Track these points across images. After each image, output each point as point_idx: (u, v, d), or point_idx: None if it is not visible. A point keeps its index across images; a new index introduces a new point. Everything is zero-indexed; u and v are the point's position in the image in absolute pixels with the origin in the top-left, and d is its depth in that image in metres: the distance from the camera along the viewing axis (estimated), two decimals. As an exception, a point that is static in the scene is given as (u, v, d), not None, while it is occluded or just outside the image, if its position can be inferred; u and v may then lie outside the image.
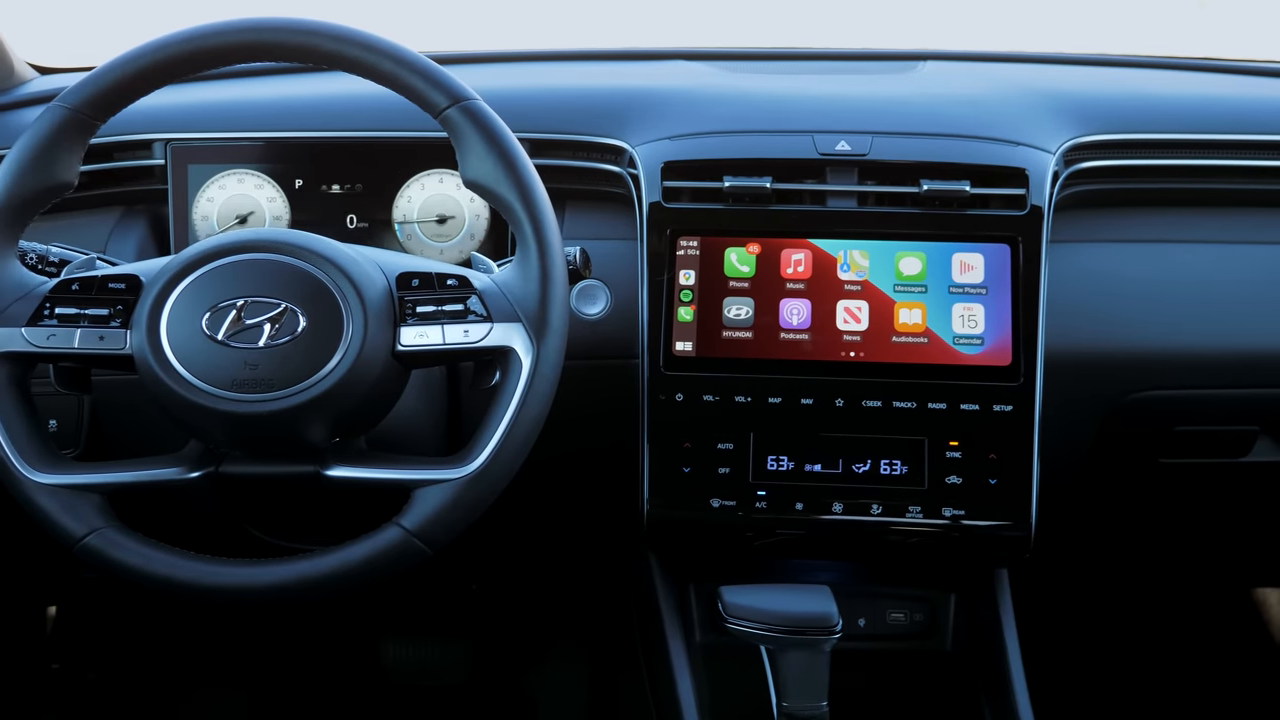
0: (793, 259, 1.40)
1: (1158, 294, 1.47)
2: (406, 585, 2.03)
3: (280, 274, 1.14)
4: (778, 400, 1.37)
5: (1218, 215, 1.53)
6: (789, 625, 1.22)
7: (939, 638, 1.49)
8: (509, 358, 1.14)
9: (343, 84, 1.36)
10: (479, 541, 1.80)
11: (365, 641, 2.04)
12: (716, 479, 1.35)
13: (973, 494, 1.34)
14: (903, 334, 1.38)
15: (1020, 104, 1.53)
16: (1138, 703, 2.09)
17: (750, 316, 1.39)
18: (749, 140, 1.46)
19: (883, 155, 1.43)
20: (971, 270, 1.39)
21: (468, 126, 1.17)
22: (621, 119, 1.51)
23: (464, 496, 1.12)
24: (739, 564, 1.45)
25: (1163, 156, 1.51)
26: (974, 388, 1.36)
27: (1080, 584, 2.06)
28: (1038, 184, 1.41)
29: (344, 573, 1.12)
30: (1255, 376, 1.48)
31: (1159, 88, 1.66)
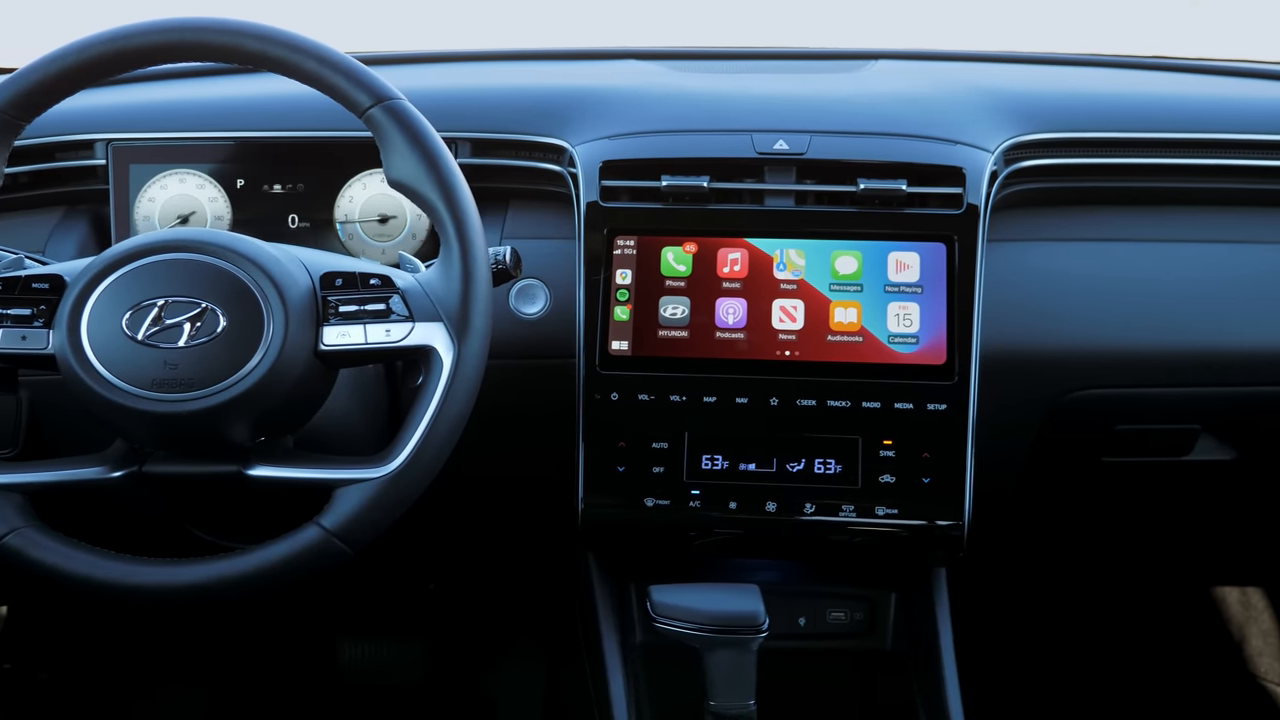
0: (729, 258, 1.40)
1: (1099, 293, 1.47)
2: (363, 584, 2.03)
3: (201, 274, 1.13)
4: (712, 399, 1.37)
5: (1160, 214, 1.53)
6: (716, 624, 1.22)
7: (878, 637, 1.49)
8: (430, 357, 1.14)
9: (285, 84, 1.35)
10: (434, 541, 1.81)
11: (322, 641, 2.04)
12: (651, 478, 1.35)
13: (906, 493, 1.34)
14: (838, 333, 1.38)
15: (962, 103, 1.53)
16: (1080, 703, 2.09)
17: (686, 316, 1.39)
18: (687, 140, 1.46)
19: (820, 154, 1.43)
20: (907, 269, 1.39)
21: (391, 126, 1.17)
22: (564, 118, 1.51)
23: (384, 496, 1.12)
24: (680, 563, 1.45)
25: (1105, 155, 1.51)
26: (908, 386, 1.36)
27: (1027, 583, 2.06)
28: (974, 183, 1.41)
29: (262, 573, 1.12)
30: (1196, 375, 1.48)
31: (1106, 86, 1.66)
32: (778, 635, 1.46)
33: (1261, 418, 1.53)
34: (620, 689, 1.36)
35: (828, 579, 1.50)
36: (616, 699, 1.35)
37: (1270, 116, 1.56)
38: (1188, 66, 1.75)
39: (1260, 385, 1.49)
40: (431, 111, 1.52)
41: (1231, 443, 1.55)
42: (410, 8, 2.51)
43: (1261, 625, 2.14)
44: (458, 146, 1.51)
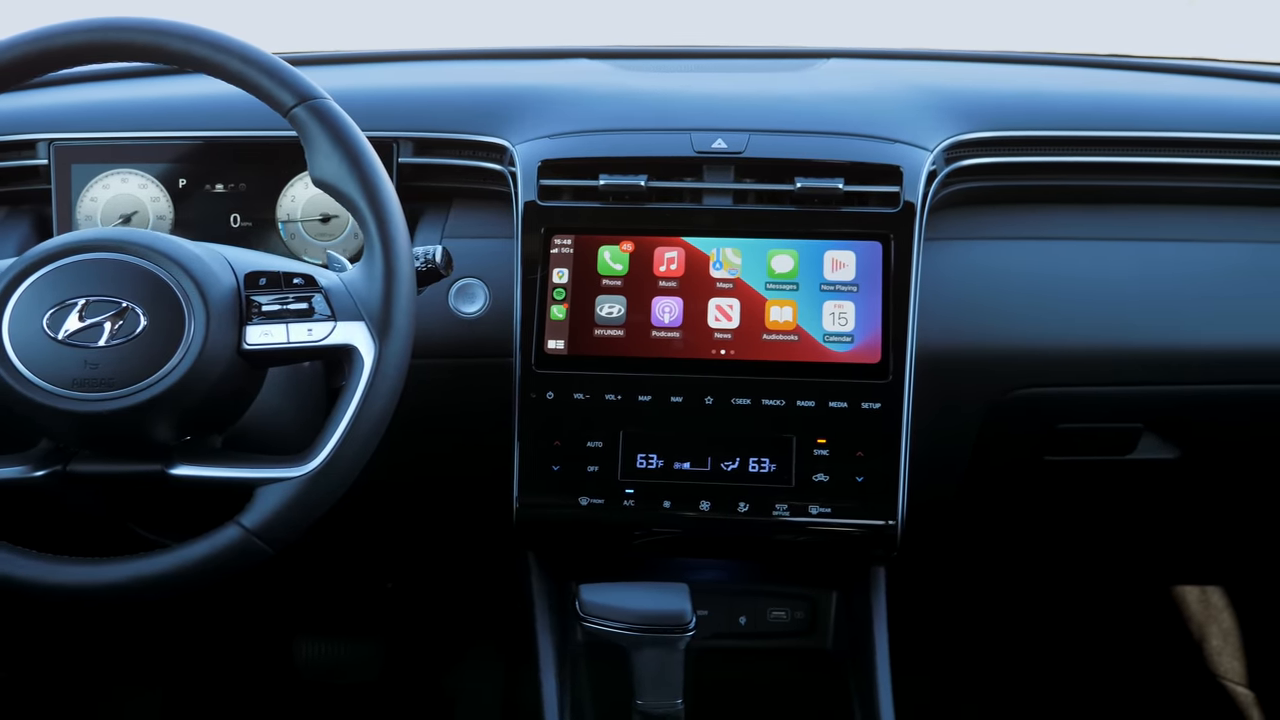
0: (665, 257, 1.40)
1: (1040, 291, 1.47)
2: (321, 584, 2.03)
3: (123, 273, 1.14)
4: (647, 398, 1.37)
5: (1103, 212, 1.53)
6: (642, 623, 1.22)
7: (819, 636, 1.49)
8: (352, 356, 1.14)
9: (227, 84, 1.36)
10: (390, 540, 1.81)
11: (279, 640, 2.04)
12: (585, 477, 1.35)
13: (839, 492, 1.33)
14: (773, 332, 1.38)
15: (904, 101, 1.52)
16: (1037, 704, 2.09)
17: (622, 315, 1.39)
18: (626, 139, 1.46)
19: (758, 153, 1.43)
20: (843, 268, 1.39)
21: (314, 125, 1.18)
22: (505, 118, 1.51)
23: (304, 495, 1.12)
24: (623, 563, 1.45)
25: (1048, 153, 1.51)
26: (842, 385, 1.36)
27: (980, 582, 2.06)
28: (912, 181, 1.40)
29: (181, 572, 1.12)
30: (1138, 374, 1.48)
31: (1053, 85, 1.65)
32: (718, 634, 1.48)
33: (1204, 417, 1.52)
34: (552, 688, 1.36)
35: (770, 578, 1.50)
36: (548, 697, 1.35)
37: (1215, 114, 1.56)
38: (1144, 65, 1.75)
39: (1202, 384, 1.49)
40: (375, 111, 1.54)
41: (1175, 441, 1.54)
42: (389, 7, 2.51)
43: (1221, 624, 2.14)
44: (400, 145, 1.51)
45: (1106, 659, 2.16)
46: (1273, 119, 1.57)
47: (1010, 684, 2.12)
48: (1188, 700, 2.13)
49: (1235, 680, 2.12)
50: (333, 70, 1.67)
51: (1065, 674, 2.15)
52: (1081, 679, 2.15)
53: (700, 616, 1.46)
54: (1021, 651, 2.16)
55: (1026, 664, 2.15)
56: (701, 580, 1.50)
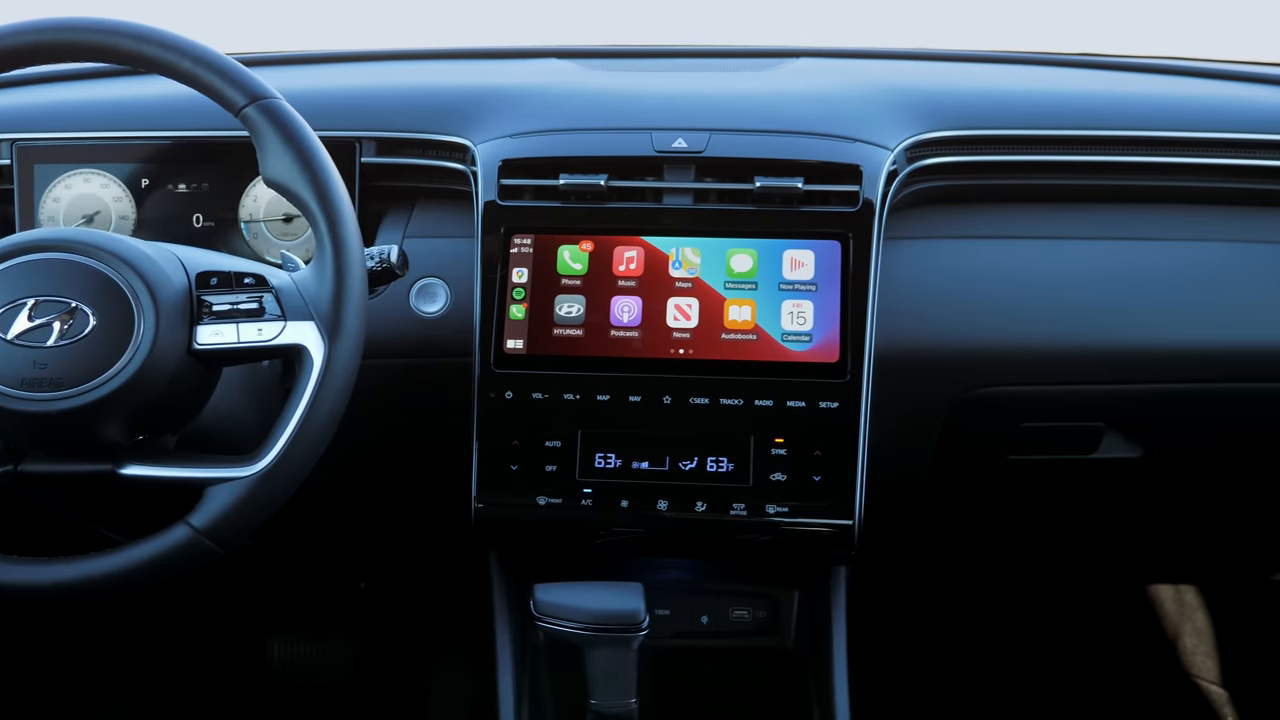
0: (625, 256, 1.40)
1: (1001, 290, 1.47)
2: (293, 583, 2.04)
3: (72, 273, 1.14)
4: (606, 398, 1.37)
5: (1066, 211, 1.53)
6: (596, 622, 1.22)
7: (781, 635, 1.49)
8: (302, 356, 1.14)
9: (186, 84, 1.36)
10: (361, 539, 1.81)
11: (252, 639, 2.04)
12: (543, 476, 1.35)
13: (797, 491, 1.33)
14: (732, 331, 1.38)
15: (866, 101, 1.52)
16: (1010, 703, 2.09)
17: (581, 314, 1.39)
18: (586, 138, 1.46)
19: (719, 152, 1.43)
20: (802, 267, 1.39)
21: (265, 125, 1.18)
22: (468, 117, 1.51)
23: (253, 494, 1.12)
24: (586, 562, 1.45)
25: (1010, 152, 1.51)
26: (800, 384, 1.35)
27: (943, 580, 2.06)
28: (871, 181, 1.40)
29: (130, 572, 1.12)
30: (1099, 373, 1.48)
31: (1018, 84, 1.65)
32: (680, 634, 1.48)
33: (1165, 416, 1.52)
34: (509, 688, 1.36)
35: (733, 578, 1.50)
36: (504, 697, 1.35)
37: (1178, 113, 1.56)
38: (1114, 64, 1.75)
39: (1163, 383, 1.49)
40: (339, 110, 1.55)
41: (1137, 440, 1.54)
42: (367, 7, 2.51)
43: (1196, 624, 2.14)
44: (363, 145, 1.51)
45: (1080, 657, 2.16)
46: (1236, 117, 1.57)
47: (983, 683, 2.11)
48: (1162, 699, 2.13)
49: (1209, 679, 2.12)
50: (298, 70, 1.67)
51: (1038, 673, 2.15)
52: (1055, 678, 2.15)
53: (662, 616, 1.47)
54: (995, 650, 2.16)
55: (1000, 663, 2.15)
56: (664, 580, 1.50)
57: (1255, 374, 1.50)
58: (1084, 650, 2.16)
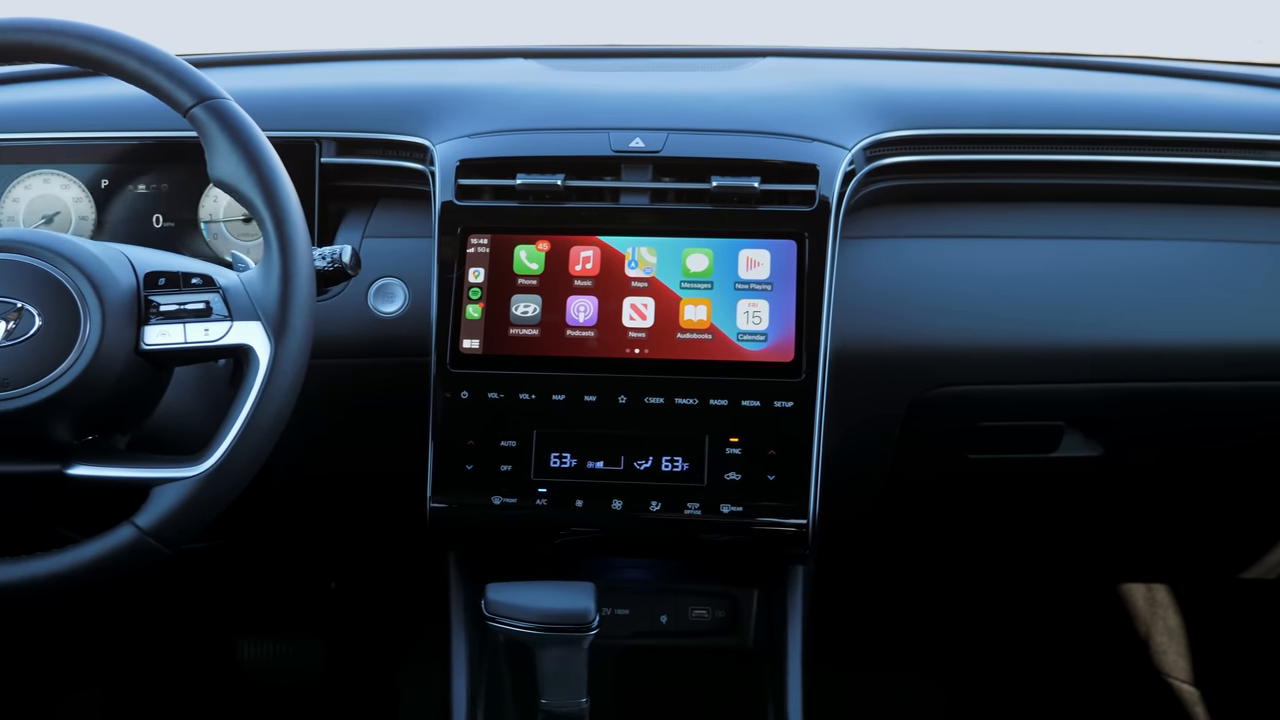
0: (581, 256, 1.41)
1: (959, 290, 1.47)
2: (264, 584, 2.03)
3: (19, 274, 1.14)
4: (561, 398, 1.37)
5: (1025, 211, 1.53)
6: (546, 622, 1.22)
7: (740, 634, 1.49)
8: (248, 356, 1.14)
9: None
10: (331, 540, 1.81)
11: (222, 640, 2.04)
12: (498, 476, 1.35)
13: (751, 491, 1.33)
14: (687, 330, 1.38)
15: (826, 100, 1.52)
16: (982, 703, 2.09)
17: (537, 314, 1.39)
18: (544, 138, 1.46)
19: (676, 152, 1.43)
20: (758, 266, 1.39)
21: (213, 125, 1.18)
22: (428, 117, 1.51)
23: (199, 495, 1.12)
24: (544, 563, 1.45)
25: (969, 151, 1.51)
26: (755, 384, 1.35)
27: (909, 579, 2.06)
28: (828, 180, 1.40)
29: (75, 572, 1.12)
30: (1058, 372, 1.48)
31: (981, 83, 1.65)
32: (639, 633, 1.48)
33: (1124, 415, 1.52)
34: (462, 688, 1.36)
35: (693, 577, 1.50)
36: (457, 697, 1.35)
37: (1141, 111, 1.56)
38: (1082, 63, 1.75)
39: (1122, 382, 1.49)
40: (300, 111, 1.55)
41: (1098, 439, 1.54)
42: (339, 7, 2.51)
43: (1167, 622, 2.14)
44: (323, 145, 1.51)
45: (1051, 656, 2.16)
46: (1201, 116, 1.57)
47: (954, 683, 2.12)
48: (1133, 698, 2.13)
49: (1180, 678, 2.12)
50: (261, 71, 1.68)
51: (1010, 671, 2.15)
52: (1026, 676, 2.15)
53: (621, 616, 1.48)
54: (966, 649, 2.16)
55: (971, 662, 2.15)
56: (624, 579, 1.50)
57: (1215, 373, 1.50)
58: (1055, 648, 2.16)
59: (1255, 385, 1.52)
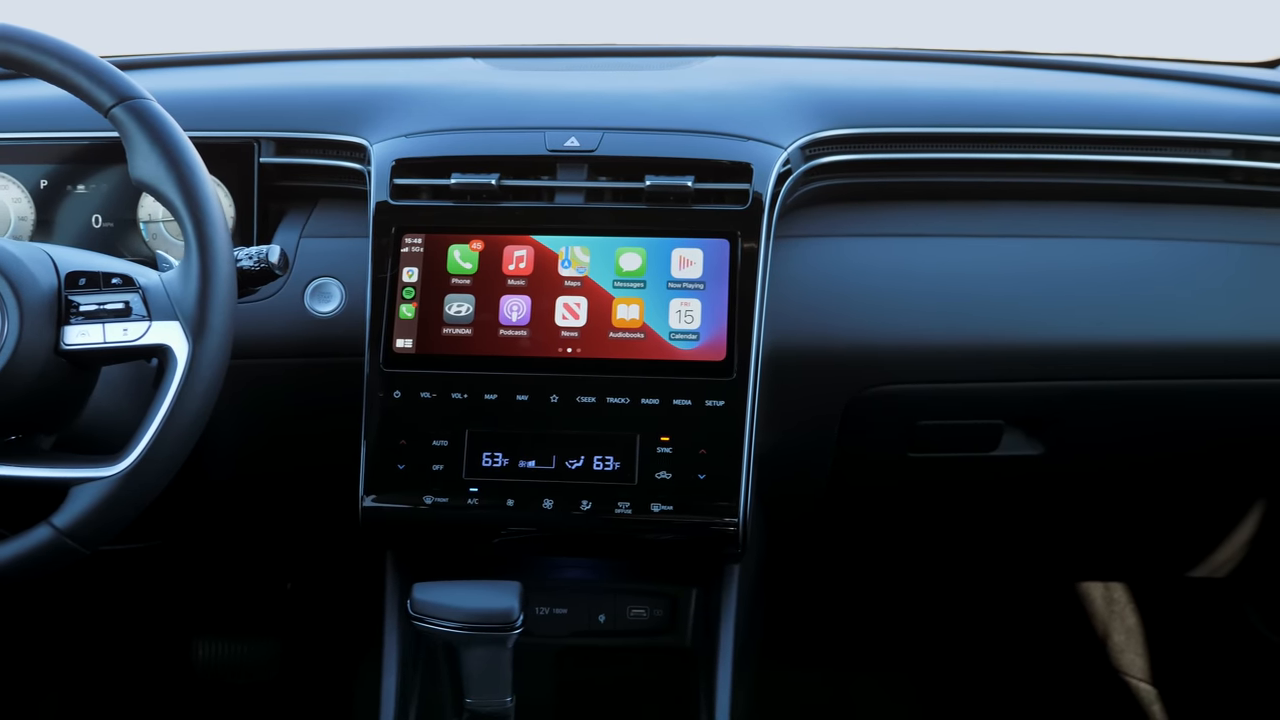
0: (515, 255, 1.41)
1: (896, 288, 1.47)
2: (219, 585, 2.04)
3: None
4: (493, 397, 1.37)
5: (964, 209, 1.53)
6: (470, 621, 1.22)
7: (679, 633, 1.49)
8: (166, 356, 1.14)
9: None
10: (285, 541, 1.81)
11: (177, 640, 2.04)
12: (430, 475, 1.35)
13: (681, 490, 1.33)
14: (620, 330, 1.38)
15: (765, 99, 1.52)
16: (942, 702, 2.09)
17: (470, 313, 1.39)
18: (479, 137, 1.46)
19: (611, 151, 1.43)
20: (690, 266, 1.39)
21: (133, 125, 1.18)
22: (366, 117, 1.52)
23: (116, 494, 1.12)
24: (484, 562, 1.45)
25: (908, 150, 1.51)
26: (687, 383, 1.35)
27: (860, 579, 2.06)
28: (762, 179, 1.40)
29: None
30: (996, 370, 1.48)
31: (923, 81, 1.65)
32: (577, 632, 1.48)
33: (1065, 412, 1.52)
34: (391, 688, 1.36)
35: (632, 576, 1.50)
36: (386, 698, 1.35)
37: (1082, 109, 1.56)
38: (1028, 61, 1.75)
39: (1060, 380, 1.49)
40: (240, 111, 1.55)
41: (1039, 438, 1.54)
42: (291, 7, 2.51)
43: (1125, 621, 2.14)
44: (262, 145, 1.51)
45: (1010, 655, 2.16)
46: (1143, 114, 1.57)
47: (909, 681, 2.11)
48: (1091, 697, 2.13)
49: (1138, 677, 2.12)
50: (203, 71, 1.68)
51: (967, 670, 2.15)
52: (984, 675, 2.15)
53: (559, 615, 1.48)
54: (922, 648, 2.16)
55: (927, 661, 2.15)
56: (564, 578, 1.50)
57: (1154, 371, 1.50)
58: (1014, 647, 2.16)
59: (1199, 384, 1.52)
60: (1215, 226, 1.55)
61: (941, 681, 2.14)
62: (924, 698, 2.13)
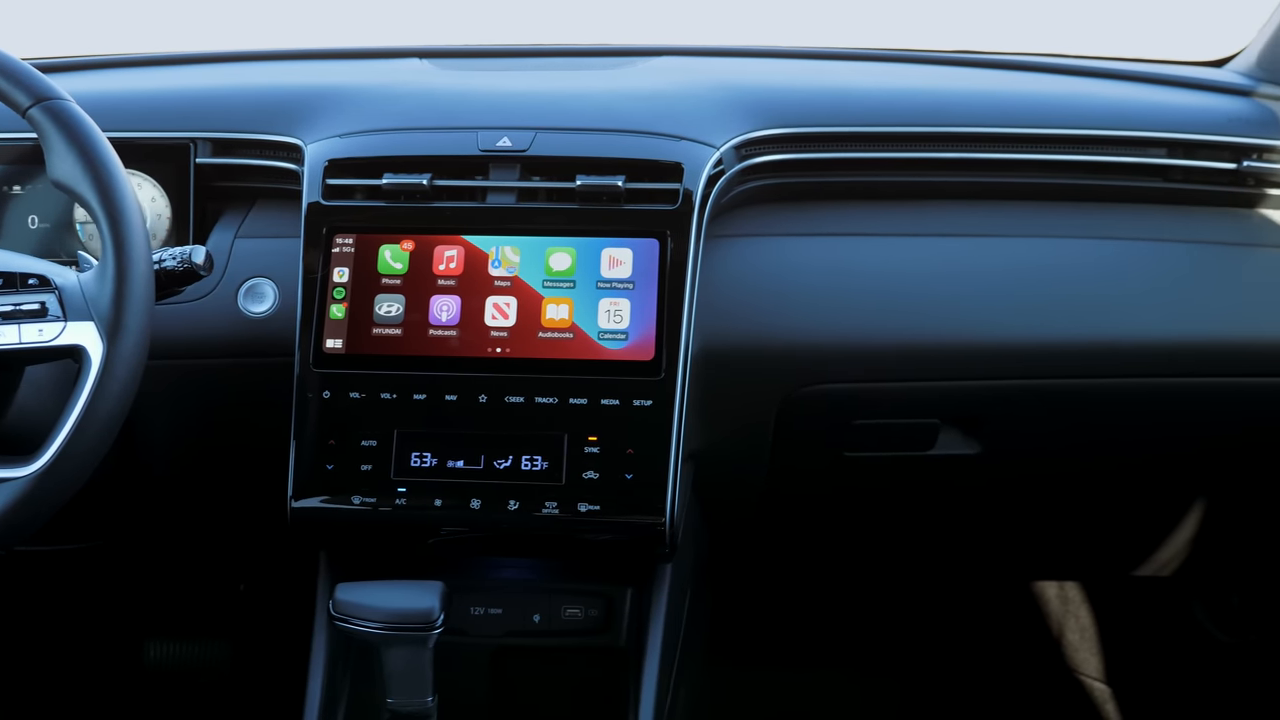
0: (445, 255, 1.41)
1: (829, 287, 1.47)
2: (171, 586, 2.04)
3: None
4: (422, 397, 1.37)
5: (900, 209, 1.53)
6: (390, 621, 1.22)
7: (614, 633, 1.49)
8: (81, 357, 1.15)
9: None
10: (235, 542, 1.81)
11: (129, 641, 2.04)
12: (358, 476, 1.35)
13: (608, 489, 1.33)
14: (549, 330, 1.38)
15: (699, 99, 1.52)
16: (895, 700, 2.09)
17: (400, 314, 1.39)
18: (412, 137, 1.46)
19: (542, 151, 1.43)
20: (620, 265, 1.39)
21: (49, 126, 1.18)
22: (302, 117, 1.52)
23: (29, 494, 1.12)
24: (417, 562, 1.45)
25: (844, 149, 1.51)
26: (615, 383, 1.35)
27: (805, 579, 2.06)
28: (693, 179, 1.40)
29: None
30: (930, 369, 1.48)
31: (862, 80, 1.65)
32: (512, 632, 1.48)
33: (1000, 411, 1.52)
34: (317, 689, 1.36)
35: (568, 576, 1.50)
36: (311, 698, 1.36)
37: (1014, 108, 1.56)
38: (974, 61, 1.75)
39: (995, 379, 1.49)
40: (176, 111, 1.55)
41: (975, 437, 1.54)
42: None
43: (1079, 620, 2.14)
44: (198, 146, 1.52)
45: (963, 654, 2.16)
46: (1079, 113, 1.57)
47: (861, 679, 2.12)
48: (1044, 696, 2.13)
49: (1092, 675, 2.12)
50: (141, 72, 1.68)
51: (919, 670, 2.15)
52: (936, 674, 2.15)
53: (494, 615, 1.47)
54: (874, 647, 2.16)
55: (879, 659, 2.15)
56: (499, 578, 1.50)
57: (1090, 370, 1.50)
58: (966, 645, 2.16)
59: (1134, 383, 1.52)
60: (1154, 225, 1.55)
61: (897, 680, 2.14)
62: (880, 696, 2.13)
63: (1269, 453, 1.61)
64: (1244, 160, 1.53)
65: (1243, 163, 1.53)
